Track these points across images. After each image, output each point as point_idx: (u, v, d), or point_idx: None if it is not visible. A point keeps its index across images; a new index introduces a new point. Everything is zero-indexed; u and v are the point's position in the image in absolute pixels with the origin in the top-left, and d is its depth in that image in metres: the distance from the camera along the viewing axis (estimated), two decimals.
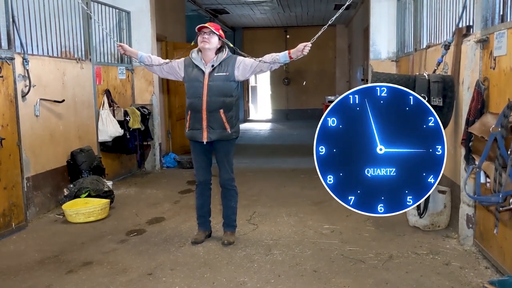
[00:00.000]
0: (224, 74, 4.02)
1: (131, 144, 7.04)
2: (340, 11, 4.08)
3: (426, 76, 4.28)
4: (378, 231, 4.54)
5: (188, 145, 9.62)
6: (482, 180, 3.40)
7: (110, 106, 6.81)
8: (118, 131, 6.70)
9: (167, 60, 4.24)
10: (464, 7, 4.29)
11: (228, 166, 4.22)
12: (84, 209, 5.03)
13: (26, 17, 5.19)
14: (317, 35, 3.91)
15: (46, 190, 5.43)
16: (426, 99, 4.18)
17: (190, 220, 4.95)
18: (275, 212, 5.26)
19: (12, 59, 4.65)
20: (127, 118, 6.94)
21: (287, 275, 3.58)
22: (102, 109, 6.68)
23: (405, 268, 3.64)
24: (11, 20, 4.70)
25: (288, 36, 17.24)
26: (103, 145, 6.71)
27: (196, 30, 4.05)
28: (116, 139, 6.75)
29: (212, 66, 4.04)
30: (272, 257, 3.94)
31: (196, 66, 4.07)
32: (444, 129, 4.26)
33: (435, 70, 4.53)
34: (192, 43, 4.17)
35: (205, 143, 4.09)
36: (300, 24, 16.38)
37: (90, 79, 6.48)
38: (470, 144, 3.70)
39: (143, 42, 7.76)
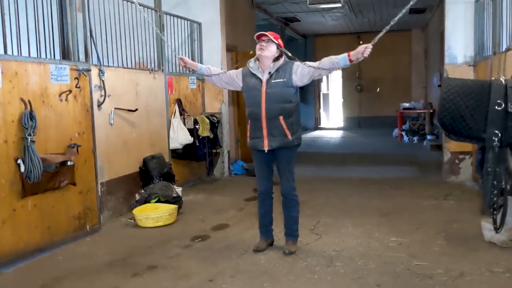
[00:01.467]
0: (282, 80, 4.00)
1: (200, 152, 7.22)
2: (403, 11, 3.86)
3: (503, 82, 4.00)
4: (450, 246, 4.29)
5: None
6: None
7: (181, 114, 7.02)
8: (188, 138, 6.89)
9: (224, 71, 4.34)
10: None
11: (289, 175, 4.18)
12: (153, 214, 5.21)
13: (103, 30, 5.49)
14: (378, 37, 3.78)
15: (119, 195, 5.68)
16: (503, 106, 3.93)
17: (253, 227, 4.96)
18: (340, 222, 5.14)
19: (89, 70, 4.93)
20: (197, 126, 7.13)
21: None
22: (174, 118, 6.90)
23: (478, 287, 3.41)
24: (88, 34, 4.99)
25: (361, 42, 16.79)
26: (173, 152, 6.93)
27: (255, 38, 4.07)
28: (186, 146, 6.95)
29: (269, 73, 4.04)
30: (334, 269, 3.84)
31: (254, 75, 4.10)
32: None
33: None
34: (251, 52, 4.20)
35: (266, 151, 4.08)
36: (373, 29, 15.96)
37: (162, 88, 6.73)
38: None
39: (213, 53, 7.96)
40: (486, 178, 4.13)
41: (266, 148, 4.06)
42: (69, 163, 4.56)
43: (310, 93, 17.34)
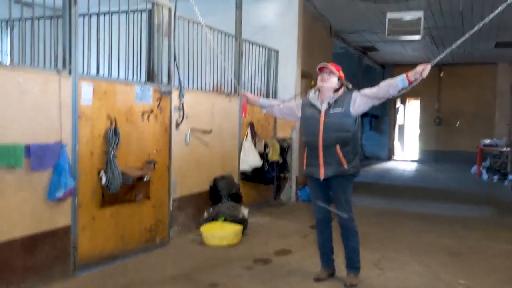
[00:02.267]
0: (340, 110, 4.05)
1: (269, 175, 7.36)
2: (469, 33, 3.76)
3: None
4: None
5: None
6: None
7: (252, 138, 7.23)
8: (258, 161, 7.07)
9: (284, 100, 4.56)
10: None
11: (345, 204, 4.17)
12: (219, 232, 5.39)
13: (185, 55, 5.84)
14: (439, 57, 3.73)
15: (189, 211, 5.93)
16: None
17: (316, 255, 4.93)
18: (405, 259, 5.01)
19: (170, 93, 5.26)
20: (267, 150, 7.29)
21: None
22: (245, 140, 7.12)
23: None
24: (172, 58, 5.33)
25: (442, 74, 16.44)
26: (243, 174, 7.12)
27: (317, 70, 4.17)
28: (255, 169, 7.12)
29: (328, 103, 4.10)
30: None
31: (313, 105, 4.18)
32: None
33: None
34: (312, 83, 4.30)
35: (322, 180, 4.12)
36: (456, 62, 15.52)
37: (237, 112, 6.99)
38: None
39: (287, 79, 8.16)
40: None
41: (322, 177, 4.10)
42: (145, 178, 4.87)
43: (385, 123, 17.06)
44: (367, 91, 4.03)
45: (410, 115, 19.27)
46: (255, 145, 7.20)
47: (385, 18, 8.08)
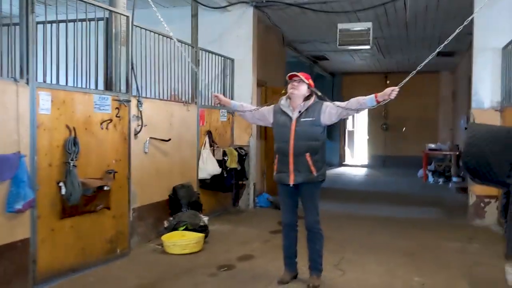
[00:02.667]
0: (311, 119, 4.19)
1: (227, 183, 7.41)
2: (430, 57, 4.11)
3: None
4: None
5: None
6: None
7: (210, 146, 7.26)
8: (217, 169, 7.10)
9: (257, 107, 4.55)
10: None
11: (313, 209, 4.31)
12: (180, 241, 5.38)
13: (142, 63, 5.82)
14: (404, 81, 4.01)
15: (149, 221, 5.88)
16: None
17: (279, 259, 5.04)
18: (364, 259, 5.20)
19: (129, 101, 5.22)
20: (225, 158, 7.34)
21: None
22: (204, 149, 7.14)
23: None
24: (130, 67, 5.30)
25: (388, 82, 17.05)
26: (202, 182, 7.13)
27: (287, 78, 4.30)
28: (214, 177, 7.15)
29: (299, 112, 4.23)
30: None
31: (284, 112, 4.30)
32: None
33: None
34: (283, 91, 4.42)
35: (291, 185, 4.24)
36: (401, 70, 16.18)
37: (195, 120, 7.00)
38: None
39: (244, 87, 8.25)
40: (510, 223, 4.19)
41: (291, 183, 4.22)
42: (105, 188, 4.80)
43: (335, 130, 17.48)
44: (338, 103, 4.20)
45: (358, 122, 19.88)
46: (213, 153, 7.24)
47: (336, 29, 8.36)
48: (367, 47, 8.03)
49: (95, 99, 4.75)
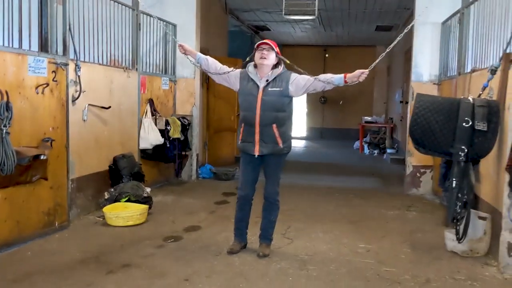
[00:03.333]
0: (278, 89, 4.09)
1: (170, 153, 7.20)
2: (398, 38, 4.15)
3: (471, 100, 4.26)
4: (415, 254, 4.49)
5: (223, 157, 9.76)
6: None
7: (152, 115, 7.00)
8: (159, 139, 6.87)
9: (224, 68, 4.30)
10: None
11: (275, 180, 4.29)
12: (123, 213, 5.17)
13: (81, 25, 5.42)
14: (374, 63, 4.03)
15: (88, 192, 5.60)
16: (470, 123, 4.18)
17: (226, 230, 5.02)
18: (310, 228, 5.26)
19: (66, 65, 4.86)
20: (168, 128, 7.11)
21: None
22: (145, 118, 6.87)
23: None
24: (67, 27, 4.92)
25: (327, 55, 17.32)
26: (143, 153, 6.88)
27: (255, 47, 4.15)
28: (156, 147, 6.92)
29: (267, 81, 4.11)
30: (307, 272, 3.94)
31: (252, 80, 4.16)
32: (487, 154, 4.25)
33: (480, 95, 4.48)
34: (247, 59, 4.26)
35: (256, 156, 4.15)
36: (340, 44, 16.44)
37: (135, 88, 6.69)
38: None
39: None
40: (451, 191, 4.36)
41: (256, 153, 4.13)
42: (42, 157, 4.47)
43: None
44: (307, 77, 4.12)
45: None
46: (155, 123, 6.98)
47: None
48: (312, 17, 8.00)
49: (29, 61, 4.37)
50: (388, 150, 12.58)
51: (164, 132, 7.02)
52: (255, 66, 4.19)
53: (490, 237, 4.43)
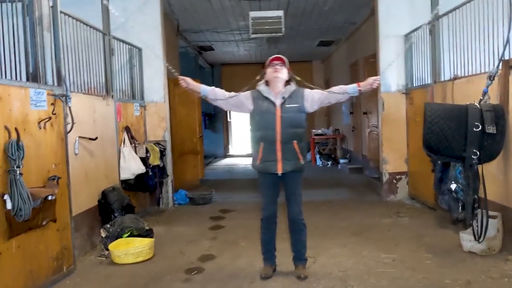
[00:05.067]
0: (296, 105, 4.07)
1: (151, 181, 6.89)
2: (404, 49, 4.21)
3: (478, 106, 4.50)
4: (437, 258, 4.61)
5: (188, 181, 9.47)
6: None
7: (131, 143, 6.66)
8: (141, 168, 6.56)
9: (233, 94, 4.22)
10: (508, 41, 4.57)
11: (299, 199, 4.23)
12: (132, 249, 4.84)
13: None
14: (383, 70, 4.08)
15: (83, 231, 5.19)
16: (480, 127, 4.41)
17: (242, 255, 4.88)
18: (323, 244, 5.22)
19: (64, 96, 4.50)
20: (148, 155, 6.81)
21: None
22: (124, 146, 6.52)
23: None
24: (60, 56, 4.57)
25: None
26: (125, 183, 6.51)
27: (267, 63, 4.10)
28: (137, 177, 6.58)
29: (283, 98, 4.08)
30: None
31: (266, 98, 4.09)
32: (498, 155, 4.51)
33: (480, 100, 4.74)
34: (257, 77, 4.20)
35: (279, 174, 4.08)
36: None
37: (113, 116, 6.34)
38: None
39: (155, 79, 7.74)
40: (467, 193, 4.56)
41: (279, 172, 4.06)
42: (50, 197, 4.08)
43: (218, 120, 17.46)
44: (320, 91, 4.14)
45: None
46: (135, 151, 6.65)
47: (236, 17, 8.26)
48: (279, 34, 8.08)
49: (31, 94, 3.99)
50: (341, 161, 12.94)
51: (144, 160, 6.71)
52: (267, 84, 4.15)
53: (503, 234, 4.68)
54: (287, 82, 4.14)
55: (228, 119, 19.20)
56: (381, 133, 7.83)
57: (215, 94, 4.20)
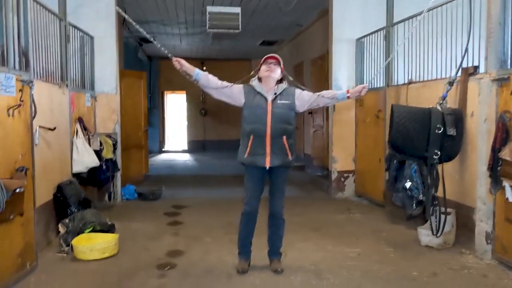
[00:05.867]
0: (287, 102, 4.13)
1: (103, 175, 6.64)
2: (389, 58, 4.41)
3: (440, 109, 4.83)
4: (399, 252, 4.87)
5: (132, 176, 9.22)
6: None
7: (84, 134, 6.37)
8: (95, 161, 6.29)
9: (225, 83, 4.18)
10: (467, 50, 4.93)
11: (282, 195, 4.30)
12: (98, 245, 4.66)
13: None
14: (372, 76, 4.27)
15: (41, 226, 4.90)
16: (442, 129, 4.73)
17: (213, 250, 4.88)
18: (288, 238, 5.09)
19: (31, 82, 4.22)
20: (101, 148, 6.56)
21: None
22: (77, 138, 6.22)
23: (457, 283, 4.01)
24: (28, 40, 4.28)
25: (204, 68, 17.39)
26: (77, 177, 6.20)
27: (262, 60, 4.14)
28: (90, 170, 6.31)
29: (275, 94, 4.13)
30: (329, 281, 4.05)
31: (258, 93, 4.13)
32: (456, 156, 4.86)
33: (441, 104, 5.05)
34: (252, 73, 4.23)
35: (267, 168, 4.12)
36: (219, 57, 16.72)
37: (67, 105, 6.03)
38: (499, 168, 4.22)
39: (107, 68, 7.47)
40: (428, 190, 4.87)
41: (267, 165, 4.09)
42: (18, 190, 3.82)
43: (154, 115, 17.08)
44: (310, 93, 4.24)
45: (172, 107, 19.73)
46: (89, 143, 6.37)
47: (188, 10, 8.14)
48: (236, 31, 8.09)
49: (1, 79, 3.72)
50: None
51: (98, 153, 6.45)
52: (259, 80, 4.19)
53: (456, 229, 5.05)
54: (280, 81, 4.20)
55: (164, 115, 18.88)
56: (332, 133, 8.10)
57: (208, 80, 4.16)
